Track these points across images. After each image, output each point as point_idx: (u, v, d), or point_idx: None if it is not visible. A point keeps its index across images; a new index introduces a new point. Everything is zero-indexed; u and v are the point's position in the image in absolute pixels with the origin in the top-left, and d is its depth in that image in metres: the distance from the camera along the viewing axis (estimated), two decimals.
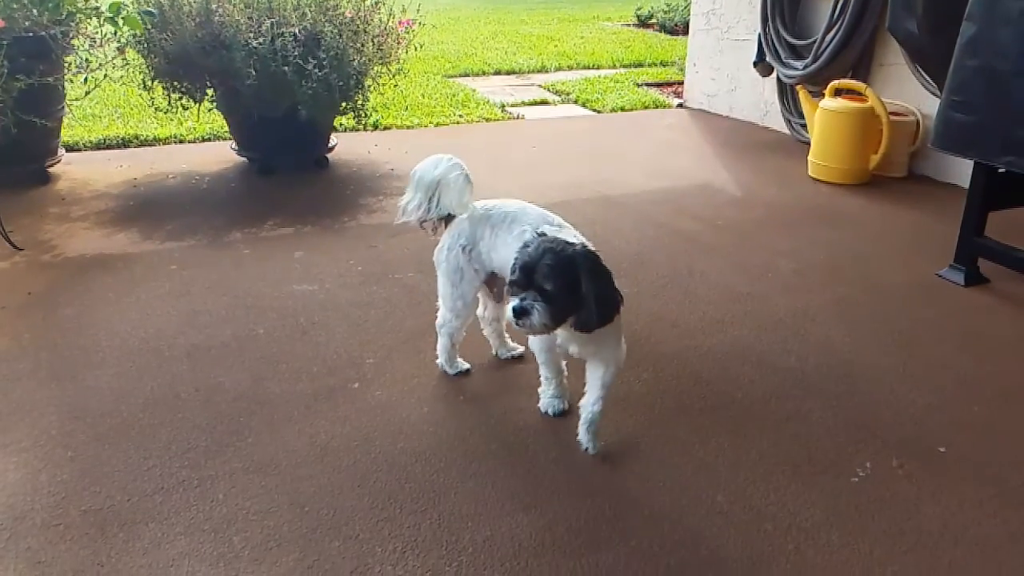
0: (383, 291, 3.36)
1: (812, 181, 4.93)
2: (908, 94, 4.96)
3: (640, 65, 8.92)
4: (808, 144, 5.19)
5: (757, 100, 6.31)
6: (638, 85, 7.79)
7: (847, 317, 3.19)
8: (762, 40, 5.83)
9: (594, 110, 6.87)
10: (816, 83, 5.32)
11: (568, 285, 2.00)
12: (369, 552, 1.97)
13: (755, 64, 6.01)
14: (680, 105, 7.10)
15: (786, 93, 5.90)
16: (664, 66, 8.87)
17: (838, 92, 4.91)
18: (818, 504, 2.15)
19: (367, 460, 2.30)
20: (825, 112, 4.85)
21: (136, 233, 3.86)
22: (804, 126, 5.60)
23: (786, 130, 5.98)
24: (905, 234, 4.11)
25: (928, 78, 4.65)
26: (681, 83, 7.61)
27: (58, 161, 4.59)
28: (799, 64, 5.43)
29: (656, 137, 6.06)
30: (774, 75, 5.91)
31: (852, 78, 5.09)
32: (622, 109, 6.87)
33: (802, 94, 5.33)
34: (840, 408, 2.58)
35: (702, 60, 6.89)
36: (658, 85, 7.94)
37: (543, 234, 2.13)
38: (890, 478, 2.26)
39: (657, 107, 7.05)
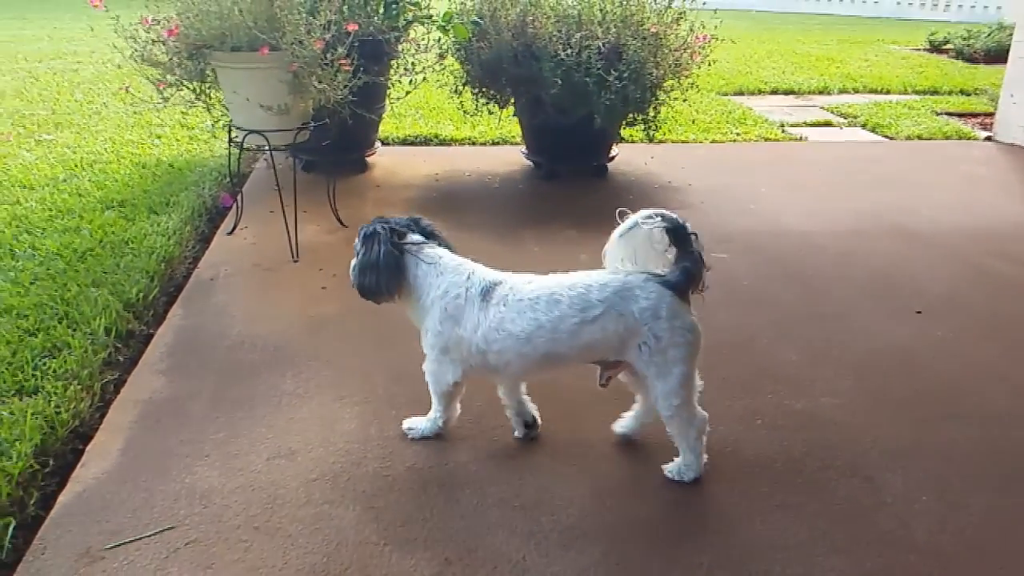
0: None
1: None
2: None
3: (936, 92, 8.14)
4: None
5: None
6: (936, 113, 7.10)
7: None
8: None
9: (886, 136, 6.37)
10: None
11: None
12: (673, 560, 1.95)
13: None
14: (989, 138, 6.37)
15: None
16: (966, 95, 8.01)
17: None
18: None
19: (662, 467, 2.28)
20: None
21: (440, 222, 4.07)
22: None
23: None
24: None
25: None
26: (989, 114, 6.85)
27: (375, 152, 5.13)
28: None
29: (961, 170, 5.47)
30: None
31: None
32: (919, 137, 6.29)
33: None
34: None
35: (1022, 90, 6.11)
36: (960, 115, 7.18)
37: (428, 226, 2.37)
38: None
39: (960, 138, 6.37)
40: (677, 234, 2.09)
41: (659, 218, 2.07)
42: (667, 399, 2.12)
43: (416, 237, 2.29)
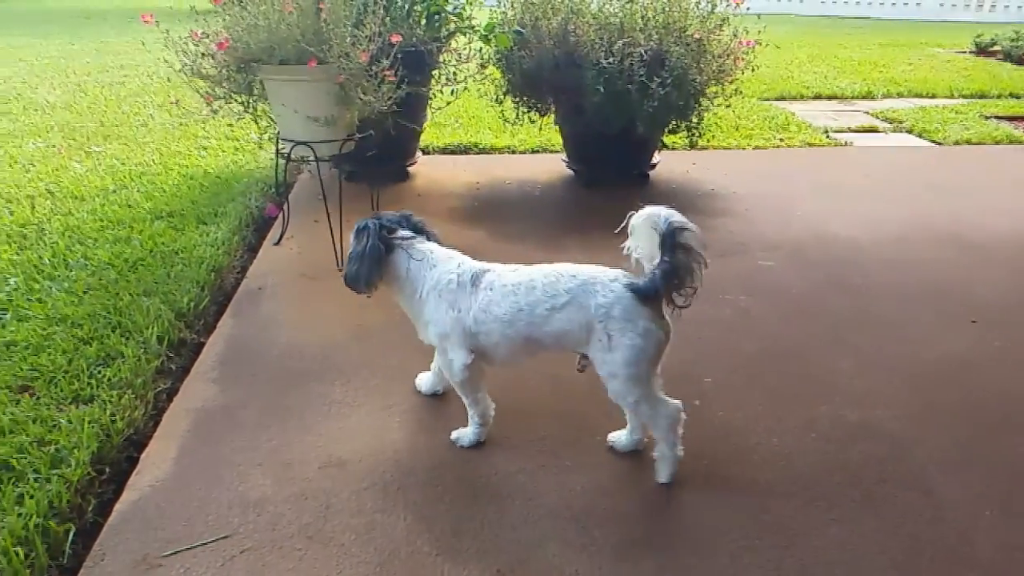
0: (714, 311, 3.29)
1: None
2: None
3: (984, 96, 7.96)
4: None
5: None
6: (985, 118, 6.94)
7: None
8: None
9: (933, 141, 6.23)
10: None
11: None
12: (728, 575, 1.92)
13: None
14: None
15: None
16: (1016, 98, 7.82)
17: None
18: None
19: (716, 480, 2.25)
20: None
21: (482, 230, 4.20)
22: None
23: None
24: None
25: None
26: None
27: (415, 162, 5.16)
28: None
29: (1015, 176, 5.33)
30: None
31: None
32: (967, 142, 6.15)
33: None
34: None
35: None
36: (1010, 119, 7.01)
37: (419, 222, 2.42)
38: None
39: (1010, 143, 6.22)
40: (664, 242, 2.10)
41: (653, 219, 2.11)
42: (622, 398, 2.18)
43: (406, 232, 2.36)
